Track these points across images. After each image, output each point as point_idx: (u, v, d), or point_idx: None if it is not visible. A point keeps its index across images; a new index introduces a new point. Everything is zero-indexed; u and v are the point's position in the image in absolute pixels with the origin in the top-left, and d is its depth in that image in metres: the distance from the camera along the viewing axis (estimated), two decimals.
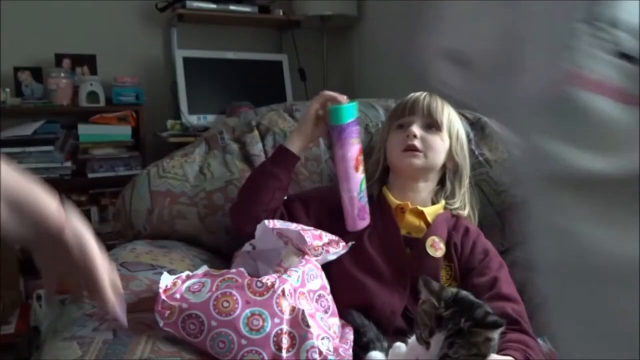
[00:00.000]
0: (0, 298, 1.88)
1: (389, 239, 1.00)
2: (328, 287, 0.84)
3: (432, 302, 0.71)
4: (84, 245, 0.60)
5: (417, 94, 1.12)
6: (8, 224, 0.56)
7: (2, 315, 1.88)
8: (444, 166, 1.09)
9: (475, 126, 1.29)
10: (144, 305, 0.77)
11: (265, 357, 0.68)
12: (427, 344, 0.70)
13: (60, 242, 0.59)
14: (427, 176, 1.08)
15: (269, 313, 0.71)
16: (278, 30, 2.62)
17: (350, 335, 0.81)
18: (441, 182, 1.11)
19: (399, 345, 0.81)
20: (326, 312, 0.80)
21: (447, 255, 1.00)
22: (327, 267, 0.99)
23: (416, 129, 1.04)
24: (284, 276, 0.77)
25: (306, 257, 0.84)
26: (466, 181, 1.12)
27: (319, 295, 0.81)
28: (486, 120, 1.30)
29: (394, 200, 1.06)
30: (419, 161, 1.04)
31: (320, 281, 0.83)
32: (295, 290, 0.76)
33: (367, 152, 1.14)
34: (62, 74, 2.15)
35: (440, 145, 1.05)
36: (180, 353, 0.69)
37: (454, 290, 0.74)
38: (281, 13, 2.42)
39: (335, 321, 0.81)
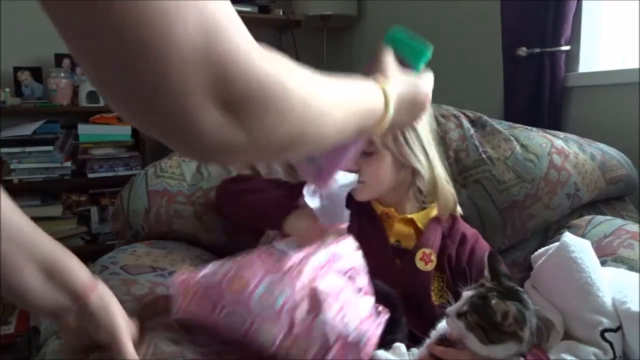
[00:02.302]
0: (0, 298, 1.88)
1: (377, 248, 0.95)
2: (364, 267, 0.81)
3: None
4: (108, 307, 0.64)
5: None
6: (41, 291, 0.59)
7: (2, 315, 1.88)
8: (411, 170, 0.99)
9: (476, 124, 1.29)
10: (146, 312, 0.76)
11: (277, 331, 0.68)
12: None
13: (86, 304, 0.62)
14: (392, 193, 0.99)
15: (283, 287, 0.70)
16: (278, 30, 2.61)
17: (383, 318, 0.78)
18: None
19: (399, 346, 0.80)
20: (359, 291, 0.78)
21: (439, 267, 0.95)
22: None
23: (354, 164, 0.93)
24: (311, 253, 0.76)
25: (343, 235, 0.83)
26: (434, 178, 0.98)
27: (350, 276, 0.79)
28: (486, 118, 1.29)
29: (378, 206, 1.00)
30: (366, 193, 0.97)
31: (353, 260, 0.80)
32: (319, 267, 0.75)
33: None
34: (62, 74, 2.15)
35: (380, 168, 0.96)
36: (183, 353, 0.69)
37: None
38: (281, 13, 2.42)
39: (369, 302, 0.79)
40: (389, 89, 0.57)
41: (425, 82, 0.65)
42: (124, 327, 0.64)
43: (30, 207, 2.11)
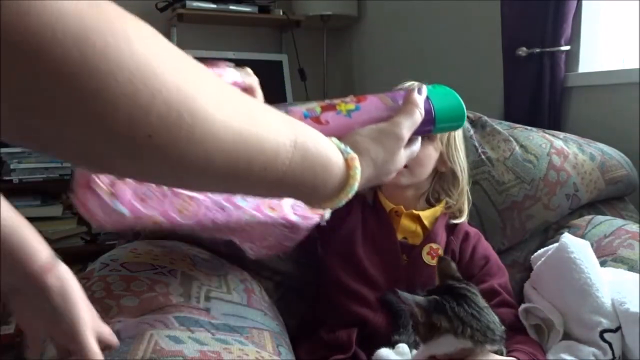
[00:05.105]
0: (0, 298, 1.88)
1: (385, 245, 0.97)
2: None
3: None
4: (67, 292, 0.54)
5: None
6: None
7: (2, 315, 1.88)
8: (435, 169, 1.02)
9: (476, 124, 1.29)
10: (146, 307, 0.77)
11: None
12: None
13: (42, 286, 0.53)
14: (411, 191, 1.01)
15: None
16: (278, 30, 2.61)
17: None
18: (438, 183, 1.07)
19: (402, 346, 0.81)
20: None
21: None
22: (322, 276, 0.97)
23: None
24: None
25: None
26: (464, 184, 1.05)
27: None
28: (486, 119, 1.29)
29: (388, 203, 1.01)
30: (404, 179, 0.97)
31: None
32: None
33: None
34: None
35: (430, 158, 0.98)
36: (183, 352, 0.69)
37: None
38: (281, 13, 2.42)
39: None
40: (357, 167, 0.49)
41: (399, 160, 0.57)
42: (86, 318, 0.54)
43: (30, 207, 2.11)
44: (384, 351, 0.80)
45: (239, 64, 0.66)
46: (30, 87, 0.27)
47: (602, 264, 0.96)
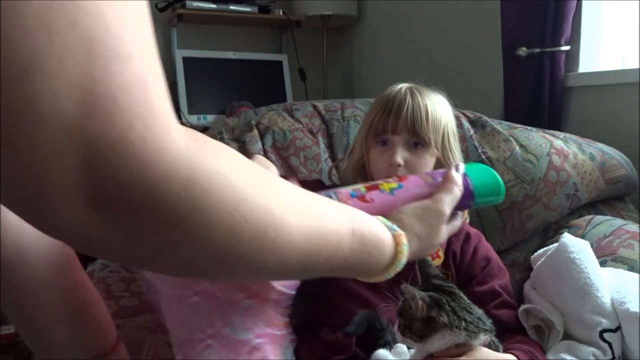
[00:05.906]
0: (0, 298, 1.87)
1: None
2: None
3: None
4: None
5: (397, 100, 0.95)
6: (61, 342, 0.52)
7: (2, 315, 1.88)
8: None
9: (476, 124, 1.29)
10: (145, 308, 0.77)
11: None
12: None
13: None
14: None
15: None
16: (278, 30, 2.61)
17: None
18: None
19: (400, 346, 0.81)
20: None
21: (445, 263, 0.96)
22: (322, 277, 0.97)
23: (400, 156, 0.92)
24: None
25: None
26: None
27: None
28: (486, 119, 1.29)
29: None
30: None
31: None
32: None
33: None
34: None
35: (426, 164, 0.95)
36: None
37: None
38: (281, 13, 2.42)
39: None
40: (404, 243, 0.52)
41: (441, 234, 0.62)
42: None
43: None
44: (381, 352, 0.80)
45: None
46: (143, 228, 0.30)
47: (602, 264, 0.96)
